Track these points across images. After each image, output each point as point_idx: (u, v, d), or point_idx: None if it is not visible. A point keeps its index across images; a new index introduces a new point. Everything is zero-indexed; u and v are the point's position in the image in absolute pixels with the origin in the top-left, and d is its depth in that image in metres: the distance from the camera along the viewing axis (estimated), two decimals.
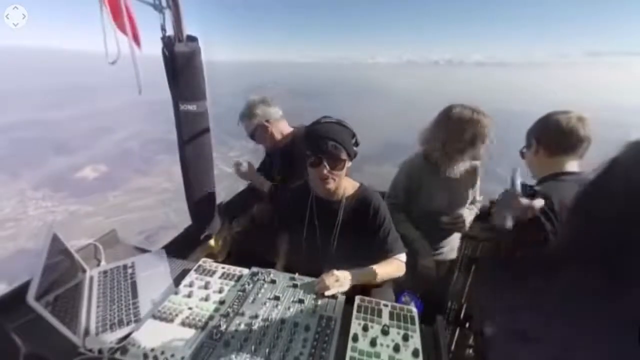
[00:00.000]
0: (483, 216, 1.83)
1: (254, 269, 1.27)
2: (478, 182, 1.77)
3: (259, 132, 1.82)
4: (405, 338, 0.96)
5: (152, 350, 0.91)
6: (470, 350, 1.82)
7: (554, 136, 1.26)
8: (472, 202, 1.80)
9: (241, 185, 2.05)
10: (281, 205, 1.49)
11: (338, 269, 1.23)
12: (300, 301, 1.10)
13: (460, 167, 1.64)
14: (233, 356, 0.89)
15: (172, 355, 0.90)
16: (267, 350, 0.90)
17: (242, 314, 1.04)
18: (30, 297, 0.84)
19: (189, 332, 0.98)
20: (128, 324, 1.04)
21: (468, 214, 1.73)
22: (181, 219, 1.80)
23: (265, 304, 1.09)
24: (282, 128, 1.84)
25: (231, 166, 1.89)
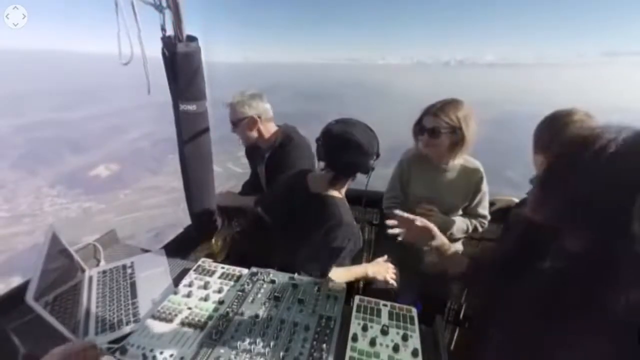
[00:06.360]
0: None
1: (254, 269, 1.26)
2: (482, 194, 1.62)
3: (245, 123, 1.77)
4: (405, 338, 0.95)
5: (152, 350, 0.91)
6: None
7: (548, 147, 1.16)
8: (473, 215, 1.67)
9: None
10: None
11: None
12: (300, 301, 1.09)
13: (450, 163, 1.58)
14: (232, 356, 0.89)
15: (172, 355, 0.90)
16: (266, 350, 0.90)
17: (242, 314, 1.03)
18: (29, 297, 0.85)
19: (189, 332, 0.98)
20: (127, 324, 1.05)
21: (461, 222, 1.62)
22: (188, 219, 1.81)
23: (264, 303, 1.08)
24: (269, 128, 1.85)
25: (239, 165, 1.91)
